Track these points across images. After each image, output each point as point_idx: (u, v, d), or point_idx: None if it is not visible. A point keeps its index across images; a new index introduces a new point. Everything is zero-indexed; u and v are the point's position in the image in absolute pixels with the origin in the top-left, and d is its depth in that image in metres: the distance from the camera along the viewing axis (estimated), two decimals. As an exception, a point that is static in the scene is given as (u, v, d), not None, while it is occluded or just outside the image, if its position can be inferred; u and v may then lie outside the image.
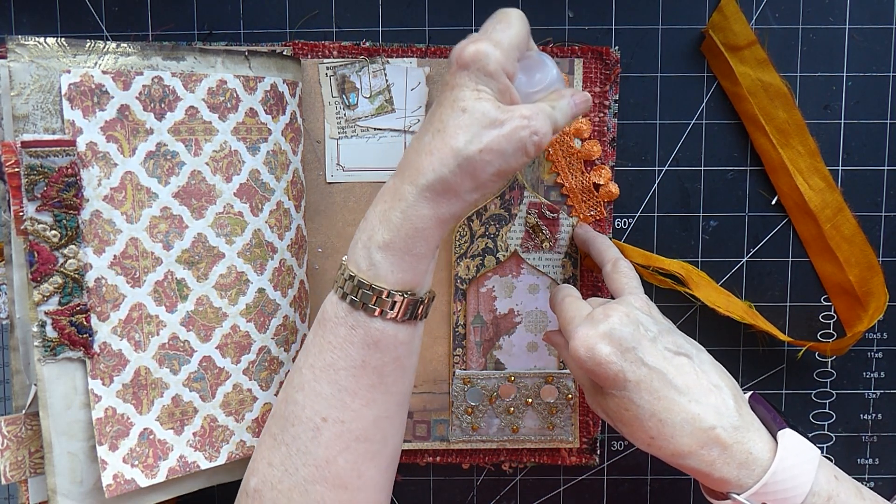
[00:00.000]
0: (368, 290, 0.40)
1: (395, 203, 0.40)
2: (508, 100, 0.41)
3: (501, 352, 0.56)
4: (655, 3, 0.54)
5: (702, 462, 0.40)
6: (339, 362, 0.41)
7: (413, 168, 0.40)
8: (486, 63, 0.39)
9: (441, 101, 0.41)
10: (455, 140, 0.39)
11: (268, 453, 0.43)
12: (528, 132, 0.40)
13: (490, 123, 0.39)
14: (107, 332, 0.44)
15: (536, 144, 0.40)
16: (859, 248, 0.54)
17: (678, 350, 0.42)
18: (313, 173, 0.55)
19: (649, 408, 0.40)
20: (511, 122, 0.39)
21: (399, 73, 0.53)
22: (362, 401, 0.41)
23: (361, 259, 0.41)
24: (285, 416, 0.42)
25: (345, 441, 0.41)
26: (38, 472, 0.46)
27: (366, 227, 0.42)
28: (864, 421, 0.58)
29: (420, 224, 0.40)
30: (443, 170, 0.39)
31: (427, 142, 0.40)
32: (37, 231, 0.42)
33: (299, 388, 0.42)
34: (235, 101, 0.47)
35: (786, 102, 0.53)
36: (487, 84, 0.40)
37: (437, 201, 0.40)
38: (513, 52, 0.41)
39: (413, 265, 0.41)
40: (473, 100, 0.39)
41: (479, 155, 0.39)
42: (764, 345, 0.57)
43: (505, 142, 0.39)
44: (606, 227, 0.55)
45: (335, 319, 0.42)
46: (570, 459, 0.57)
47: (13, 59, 0.41)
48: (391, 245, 0.40)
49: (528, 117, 0.40)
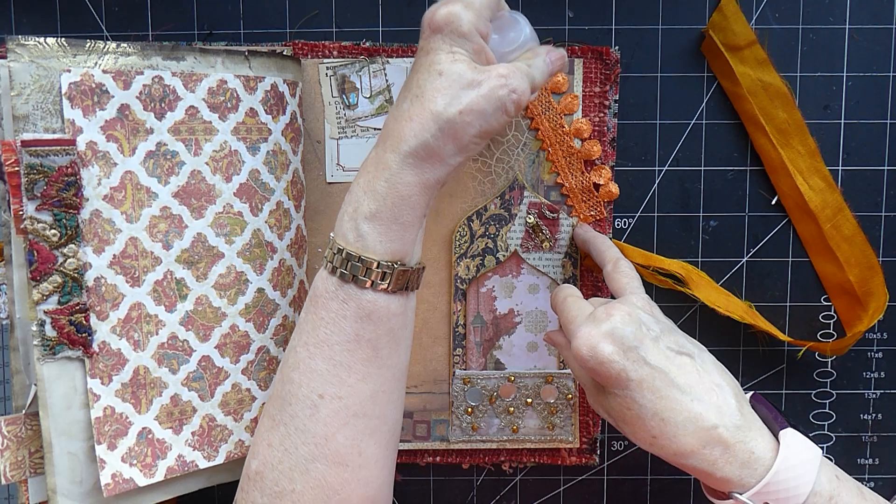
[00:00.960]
0: (358, 261, 0.40)
1: (378, 172, 0.40)
2: (484, 60, 0.41)
3: (501, 352, 0.56)
4: (655, 3, 0.54)
5: (704, 461, 0.40)
6: (332, 337, 0.41)
7: (394, 136, 0.40)
8: (458, 24, 0.39)
9: (417, 67, 0.41)
10: (434, 104, 0.39)
11: (267, 434, 0.42)
12: (506, 91, 0.40)
13: (467, 84, 0.39)
14: (106, 332, 0.44)
15: (515, 102, 0.40)
16: (859, 248, 0.54)
17: (680, 349, 0.42)
18: (313, 173, 0.55)
19: (651, 407, 0.40)
20: (489, 82, 0.39)
21: (399, 73, 0.53)
22: (358, 375, 0.41)
23: (349, 231, 0.41)
24: (282, 395, 0.42)
25: (343, 417, 0.41)
26: (38, 472, 0.46)
27: (351, 199, 0.41)
28: (864, 421, 0.58)
29: (405, 191, 0.40)
30: (424, 135, 0.39)
31: (406, 108, 0.40)
32: (36, 230, 0.42)
33: (294, 366, 0.42)
34: (235, 100, 0.47)
35: (786, 102, 0.53)
36: (462, 45, 0.40)
37: (421, 167, 0.40)
38: (485, 11, 0.41)
39: (401, 234, 0.41)
40: (449, 62, 0.39)
41: (459, 117, 0.39)
42: (764, 345, 0.57)
43: (484, 101, 0.39)
44: (606, 227, 0.55)
45: (326, 294, 0.42)
46: (570, 459, 0.57)
47: (13, 59, 0.41)
48: (378, 215, 0.40)
49: (506, 76, 0.40)
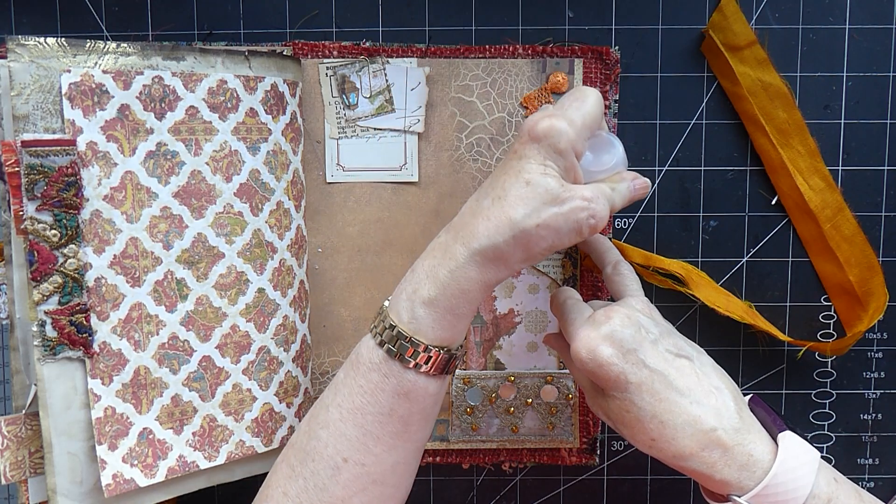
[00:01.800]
0: (407, 342, 0.41)
1: (444, 261, 0.41)
2: (572, 178, 0.41)
3: (501, 352, 0.56)
4: (655, 3, 0.54)
5: (703, 464, 0.40)
6: (367, 407, 0.42)
7: (468, 230, 0.40)
8: (557, 140, 0.39)
9: (506, 168, 0.41)
10: (514, 211, 0.39)
11: (284, 483, 0.43)
12: (586, 214, 0.40)
13: (552, 200, 0.39)
14: (106, 332, 0.44)
15: (592, 227, 0.40)
16: (859, 248, 0.54)
17: (679, 352, 0.42)
18: (313, 173, 0.55)
19: (650, 409, 0.40)
20: (571, 202, 0.39)
21: (399, 73, 0.53)
22: (385, 446, 0.42)
23: (404, 311, 0.41)
24: (307, 450, 0.43)
25: (362, 483, 0.42)
26: (38, 472, 0.46)
27: (412, 279, 0.42)
28: (864, 421, 0.58)
29: (466, 286, 0.40)
30: (497, 238, 0.39)
31: (486, 206, 0.40)
32: (37, 230, 0.42)
33: (324, 425, 0.42)
34: (236, 100, 0.47)
35: (786, 102, 0.53)
36: (555, 161, 0.40)
37: (486, 266, 0.40)
38: (585, 131, 0.41)
39: (454, 324, 0.41)
40: (539, 174, 0.39)
41: (535, 230, 0.39)
42: (764, 345, 0.57)
43: (562, 220, 0.39)
44: (606, 228, 0.55)
45: (369, 364, 0.42)
46: (570, 459, 0.57)
47: (13, 59, 0.41)
48: (435, 302, 0.41)
49: (590, 199, 0.40)
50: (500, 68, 0.54)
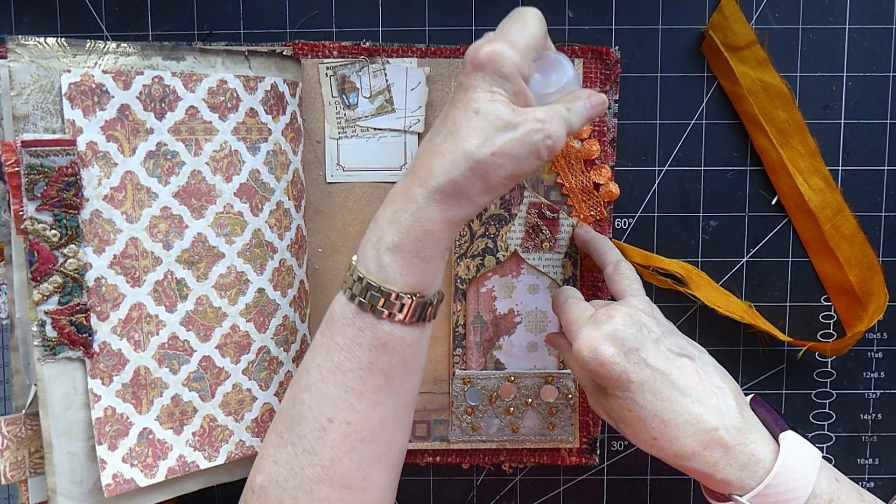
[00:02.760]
0: (377, 292, 0.40)
1: (404, 205, 0.40)
2: (523, 101, 0.40)
3: (501, 352, 0.56)
4: (655, 3, 0.54)
5: (704, 463, 0.40)
6: (346, 364, 0.41)
7: (424, 170, 0.40)
8: (501, 64, 0.39)
9: (454, 102, 0.40)
10: (467, 143, 0.38)
11: (274, 451, 0.42)
12: (541, 136, 0.39)
13: (503, 126, 0.38)
14: (106, 332, 0.44)
15: (550, 148, 0.39)
16: (859, 248, 0.54)
17: (681, 351, 0.42)
18: (313, 173, 0.55)
19: (652, 409, 0.40)
20: (525, 126, 0.38)
21: (399, 73, 0.53)
22: (369, 402, 0.41)
23: (371, 261, 0.41)
24: (292, 415, 0.42)
25: (350, 442, 0.41)
26: (38, 472, 0.46)
27: (375, 229, 0.41)
28: (864, 421, 0.58)
29: (430, 226, 0.40)
30: (454, 172, 0.39)
31: (439, 143, 0.40)
32: (37, 230, 0.42)
33: (306, 388, 0.42)
34: (236, 100, 0.47)
35: (786, 102, 0.53)
36: (502, 86, 0.39)
37: (448, 204, 0.39)
38: (529, 53, 0.40)
39: (422, 268, 0.41)
40: (487, 102, 0.39)
41: (491, 158, 0.38)
42: (764, 345, 0.57)
43: (518, 145, 0.38)
44: (606, 227, 0.55)
45: (343, 321, 0.41)
46: (570, 459, 0.57)
47: (13, 59, 0.41)
48: (400, 247, 0.40)
49: (543, 120, 0.39)
50: (500, 68, 0.54)
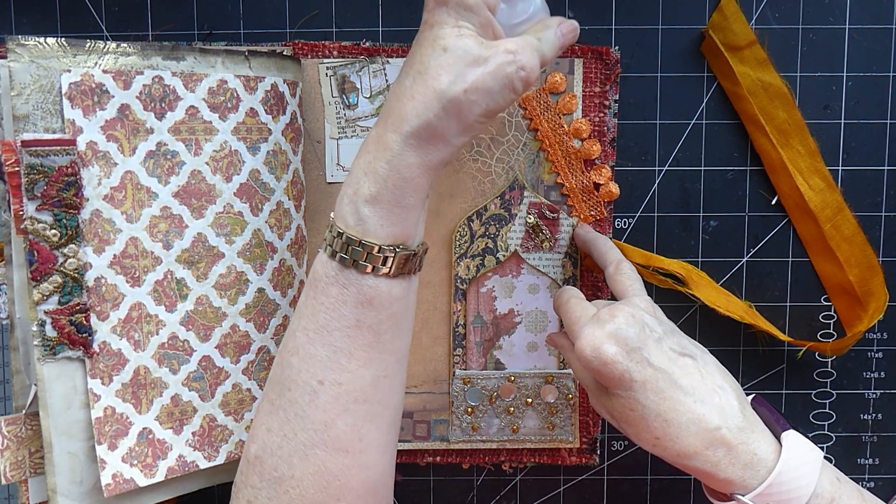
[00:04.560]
0: (358, 246, 0.39)
1: (379, 153, 0.38)
2: (491, 34, 0.39)
3: (501, 352, 0.56)
4: (655, 3, 0.54)
5: (707, 462, 0.40)
6: (332, 323, 0.40)
7: (396, 114, 0.38)
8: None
9: (420, 41, 0.39)
10: (438, 81, 0.37)
11: (266, 419, 0.41)
12: (514, 68, 0.37)
13: (473, 61, 0.37)
14: (106, 332, 0.44)
15: (524, 80, 0.38)
16: (859, 248, 0.54)
17: (683, 351, 0.42)
18: (313, 173, 0.55)
19: (655, 408, 0.40)
20: (496, 58, 0.37)
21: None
22: (359, 361, 0.40)
23: (349, 214, 0.39)
24: (281, 380, 0.41)
25: (343, 403, 0.40)
26: (38, 472, 0.46)
27: (351, 181, 0.40)
28: (864, 421, 0.58)
29: (407, 173, 0.38)
30: (427, 114, 0.37)
31: (408, 86, 0.38)
32: (37, 230, 0.42)
33: (293, 351, 0.41)
34: (236, 100, 0.47)
35: (786, 102, 0.53)
36: (468, 19, 0.38)
37: (424, 148, 0.38)
38: None
39: (403, 217, 0.39)
40: (454, 37, 0.37)
41: (464, 95, 0.37)
42: (764, 345, 0.57)
43: (491, 79, 0.37)
44: (606, 227, 0.55)
45: (326, 279, 0.40)
46: (570, 459, 0.57)
47: (13, 59, 0.41)
48: (378, 198, 0.39)
49: (514, 52, 0.37)
50: (500, 68, 0.54)
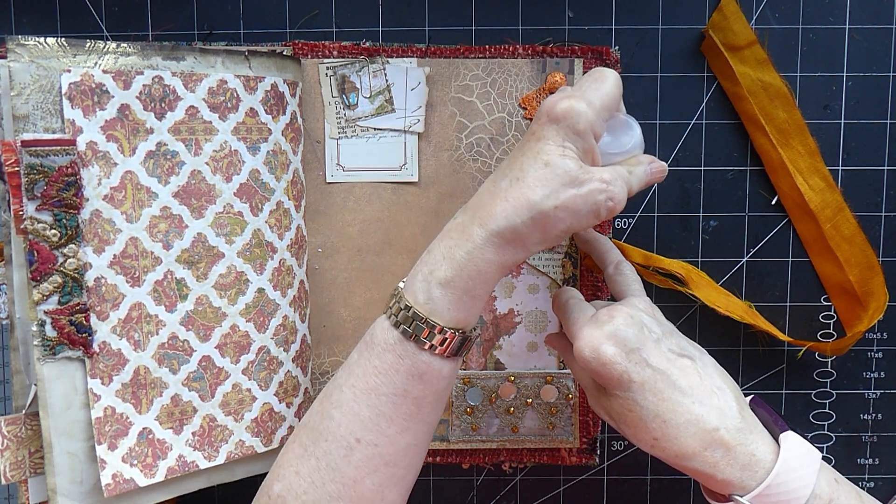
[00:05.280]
0: (423, 323, 0.41)
1: (461, 242, 0.40)
2: (590, 160, 0.41)
3: (501, 352, 0.56)
4: (655, 3, 0.54)
5: (705, 464, 0.40)
6: (381, 388, 0.41)
7: (485, 211, 0.40)
8: (576, 121, 0.39)
9: (524, 150, 0.41)
10: (533, 192, 0.39)
11: (296, 462, 0.43)
12: (604, 196, 0.39)
13: (570, 182, 0.39)
14: (106, 332, 0.44)
15: (610, 210, 0.40)
16: (859, 248, 0.54)
17: (681, 352, 0.42)
18: (313, 173, 0.55)
19: (653, 409, 0.40)
20: (590, 184, 0.39)
21: (399, 73, 0.53)
22: (398, 428, 0.42)
23: (420, 291, 0.41)
24: (319, 429, 0.43)
25: (374, 464, 0.42)
26: (38, 472, 0.46)
27: (429, 260, 0.42)
28: (864, 421, 0.58)
29: (483, 267, 0.40)
30: (515, 219, 0.39)
31: (504, 188, 0.40)
32: (36, 230, 0.42)
33: (337, 405, 0.42)
34: (236, 100, 0.47)
35: (786, 102, 0.53)
36: (574, 142, 0.40)
37: (504, 248, 0.40)
38: (604, 113, 0.41)
39: (469, 305, 0.41)
40: (558, 156, 0.39)
41: (553, 211, 0.39)
42: (764, 345, 0.57)
43: (581, 202, 0.39)
44: (606, 228, 0.55)
45: (384, 345, 0.42)
46: (570, 459, 0.57)
47: (13, 59, 0.41)
48: (452, 283, 0.41)
49: (608, 182, 0.39)
50: (500, 68, 0.54)
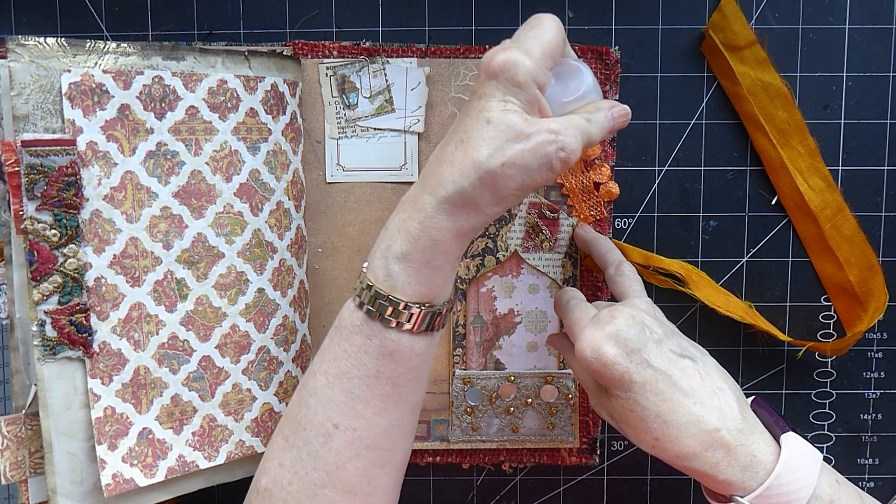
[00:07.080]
0: (385, 301, 0.40)
1: (413, 213, 0.39)
2: (538, 112, 0.39)
3: (501, 352, 0.56)
4: (655, 3, 0.54)
5: (706, 464, 0.40)
6: (353, 371, 0.41)
7: (433, 178, 0.39)
8: (514, 73, 0.38)
9: (467, 111, 0.40)
10: (477, 152, 0.38)
11: (279, 454, 0.43)
12: (554, 147, 0.38)
13: (515, 137, 0.38)
14: (106, 332, 0.44)
15: (563, 160, 0.38)
16: (859, 248, 0.54)
17: (682, 352, 0.42)
18: (313, 173, 0.55)
19: (654, 409, 0.40)
20: (537, 137, 0.38)
21: (399, 73, 0.53)
22: (375, 409, 0.41)
23: (379, 269, 0.40)
24: (297, 419, 0.42)
25: (355, 448, 0.41)
26: (38, 472, 0.46)
27: (385, 236, 0.41)
28: (864, 421, 0.58)
29: (438, 236, 0.39)
30: (463, 182, 0.38)
31: (449, 152, 0.39)
32: (36, 230, 0.42)
33: (313, 392, 0.42)
34: (236, 100, 0.47)
35: (786, 102, 0.53)
36: (515, 95, 0.38)
37: (457, 214, 0.39)
38: (545, 60, 0.39)
39: (431, 277, 0.40)
40: (500, 111, 0.38)
41: (500, 169, 0.37)
42: (764, 345, 0.57)
43: (529, 156, 0.38)
44: (606, 227, 0.55)
45: (351, 328, 0.41)
46: (570, 459, 0.57)
47: (13, 59, 0.41)
48: (409, 256, 0.40)
49: (556, 132, 0.38)
50: (500, 68, 0.54)
